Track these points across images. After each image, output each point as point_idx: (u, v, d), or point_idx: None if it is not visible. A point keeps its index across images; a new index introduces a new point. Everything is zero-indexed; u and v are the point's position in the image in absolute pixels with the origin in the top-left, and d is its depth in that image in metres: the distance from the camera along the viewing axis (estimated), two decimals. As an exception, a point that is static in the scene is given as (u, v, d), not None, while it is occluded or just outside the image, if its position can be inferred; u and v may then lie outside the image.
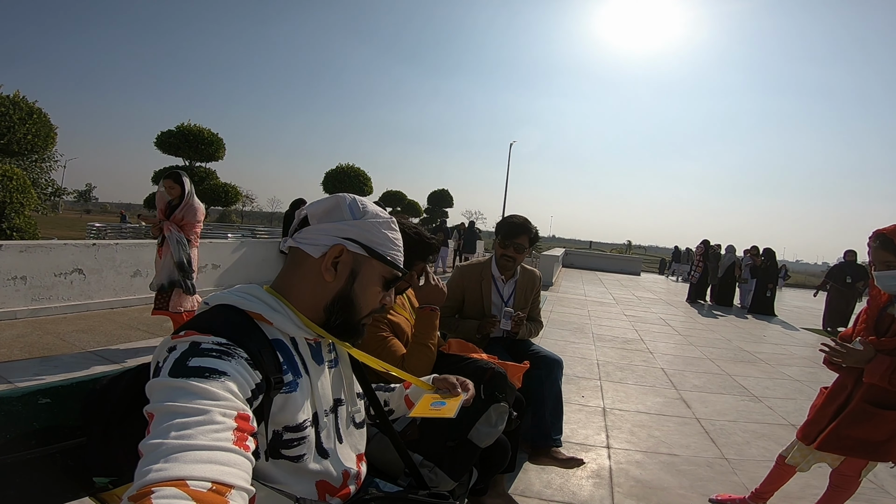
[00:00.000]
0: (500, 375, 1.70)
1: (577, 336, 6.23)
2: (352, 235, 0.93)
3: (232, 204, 15.44)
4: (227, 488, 0.58)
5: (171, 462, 0.57)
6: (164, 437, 0.60)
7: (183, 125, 14.16)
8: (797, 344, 7.05)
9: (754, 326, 8.63)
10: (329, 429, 0.96)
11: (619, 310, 9.18)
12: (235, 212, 62.33)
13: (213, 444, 0.61)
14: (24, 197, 7.46)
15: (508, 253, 2.63)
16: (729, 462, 2.87)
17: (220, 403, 0.66)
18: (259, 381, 0.77)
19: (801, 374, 5.22)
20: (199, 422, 0.62)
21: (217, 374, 0.70)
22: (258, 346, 0.81)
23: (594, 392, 3.99)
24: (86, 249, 5.65)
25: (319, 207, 0.95)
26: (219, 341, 0.75)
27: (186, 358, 0.71)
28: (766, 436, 3.31)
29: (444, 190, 32.47)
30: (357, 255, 0.94)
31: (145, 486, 0.54)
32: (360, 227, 0.94)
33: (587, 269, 20.30)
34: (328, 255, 0.91)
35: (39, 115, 8.25)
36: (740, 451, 3.04)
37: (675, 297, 12.66)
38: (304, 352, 0.93)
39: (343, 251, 0.92)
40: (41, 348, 4.07)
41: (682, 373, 4.87)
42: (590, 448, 2.94)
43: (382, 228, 0.96)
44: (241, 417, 0.68)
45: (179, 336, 0.76)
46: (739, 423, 3.54)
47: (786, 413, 3.81)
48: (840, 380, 2.05)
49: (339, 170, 21.17)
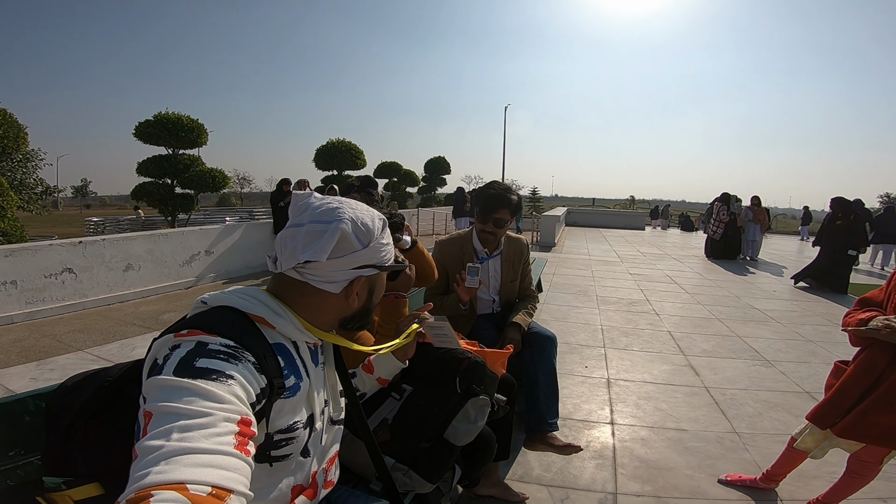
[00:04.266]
0: (477, 365, 1.50)
1: (580, 300, 6.04)
2: (364, 262, 0.93)
3: (220, 188, 15.35)
4: (227, 493, 0.57)
5: (171, 465, 0.56)
6: (164, 438, 0.59)
7: (160, 114, 13.80)
8: (808, 299, 6.82)
9: (764, 282, 8.39)
10: (320, 430, 0.96)
11: (624, 268, 8.96)
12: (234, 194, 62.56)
13: (215, 448, 0.60)
14: (5, 200, 7.27)
15: (488, 228, 2.37)
16: (740, 437, 2.71)
17: (225, 407, 0.66)
18: (264, 386, 0.77)
19: (815, 333, 5.02)
20: (201, 424, 0.61)
21: (224, 377, 0.69)
22: (262, 349, 0.80)
23: (598, 361, 3.82)
24: (73, 248, 5.55)
25: (326, 246, 0.86)
26: (227, 343, 0.74)
27: (193, 358, 0.70)
28: (779, 405, 3.14)
29: (441, 157, 31.86)
30: (371, 276, 0.96)
31: (144, 488, 0.53)
32: (370, 252, 0.93)
33: (591, 226, 19.98)
34: (352, 289, 0.94)
35: (4, 117, 8.06)
36: (752, 424, 2.87)
37: (681, 252, 12.38)
38: (304, 354, 0.93)
39: (365, 281, 0.96)
40: (38, 352, 4.06)
41: (689, 336, 4.68)
42: (593, 425, 2.79)
43: (383, 240, 0.97)
44: (244, 422, 0.67)
45: (182, 334, 0.74)
46: (751, 391, 3.37)
47: (800, 379, 3.63)
48: (869, 357, 1.76)
49: (331, 145, 20.85)
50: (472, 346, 1.75)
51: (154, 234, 6.72)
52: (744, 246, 11.55)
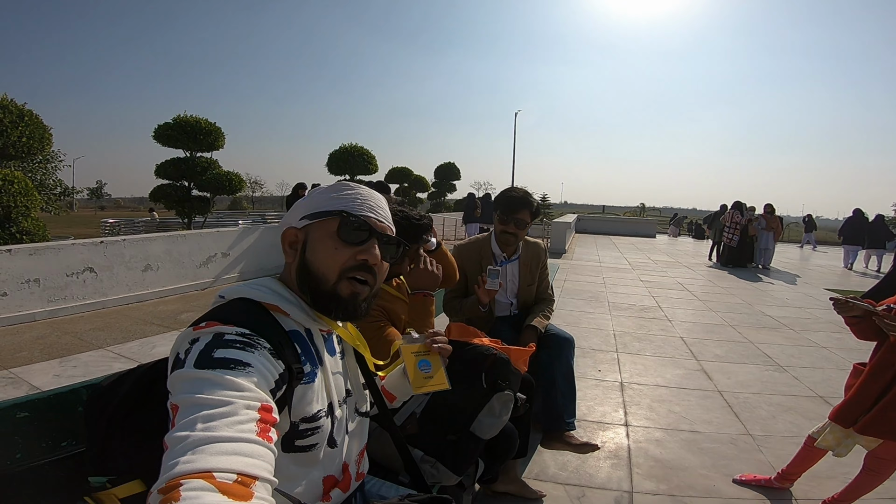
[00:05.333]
0: (502, 362, 1.56)
1: (592, 305, 6.09)
2: (299, 214, 0.94)
3: (237, 191, 15.62)
4: (252, 479, 0.59)
5: (197, 454, 0.58)
6: (190, 429, 0.61)
7: (179, 117, 14.08)
8: (821, 307, 6.80)
9: (776, 289, 8.37)
10: (342, 420, 0.97)
11: (636, 275, 8.98)
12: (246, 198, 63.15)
13: (238, 436, 0.62)
14: (28, 200, 7.49)
15: (509, 229, 2.45)
16: (754, 438, 2.74)
17: (245, 395, 0.68)
18: (282, 371, 0.79)
19: (828, 340, 5.02)
20: (223, 413, 0.63)
21: (242, 366, 0.71)
22: (278, 336, 0.82)
23: (611, 366, 3.86)
24: (94, 248, 5.68)
25: (294, 211, 0.97)
26: (242, 332, 0.76)
27: (211, 349, 0.72)
28: (792, 409, 3.16)
29: (451, 163, 32.34)
30: (305, 227, 0.94)
31: (174, 478, 0.55)
32: (304, 204, 0.95)
33: (601, 233, 19.96)
34: (283, 241, 0.94)
35: (31, 117, 8.24)
36: (766, 427, 2.90)
37: (692, 259, 12.36)
38: (318, 342, 0.94)
39: (295, 232, 0.94)
40: (60, 349, 4.16)
41: (702, 342, 4.71)
42: (607, 426, 2.84)
43: (327, 193, 0.95)
44: (265, 409, 0.69)
45: (201, 327, 0.77)
46: (764, 395, 3.40)
47: (813, 384, 3.65)
48: (885, 356, 1.84)
49: (343, 150, 21.05)
50: (495, 343, 1.82)
51: (172, 235, 6.88)
52: (756, 254, 11.53)
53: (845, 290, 8.71)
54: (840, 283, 9.50)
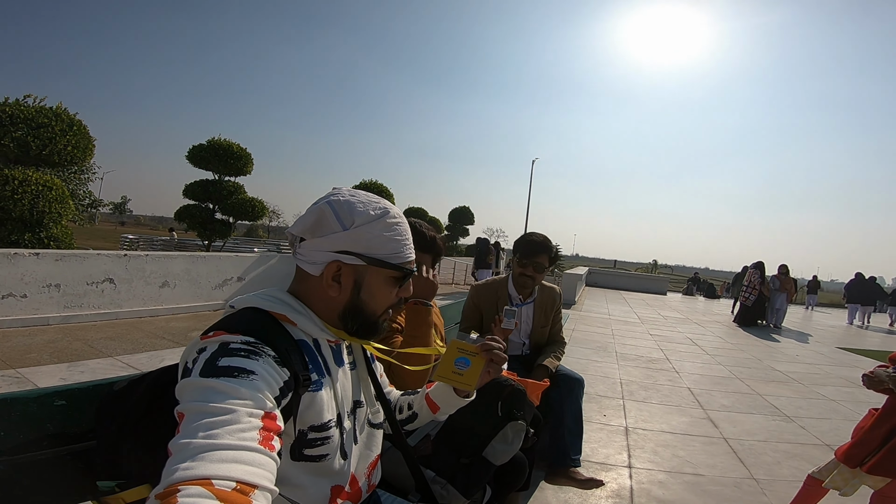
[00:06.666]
0: (518, 392, 1.66)
1: (599, 355, 6.11)
2: (346, 248, 0.90)
3: (259, 218, 15.47)
4: (251, 488, 0.59)
5: (197, 461, 0.58)
6: (192, 436, 0.62)
7: (214, 139, 14.20)
8: (832, 363, 6.73)
9: (786, 346, 8.29)
10: (350, 431, 0.97)
11: (644, 329, 8.97)
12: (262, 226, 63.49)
13: (239, 444, 0.62)
14: (62, 207, 7.66)
15: (527, 272, 2.57)
16: (758, 482, 2.75)
17: (248, 403, 0.68)
18: (287, 379, 0.78)
19: (837, 393, 4.98)
20: (225, 421, 0.64)
21: (245, 373, 0.72)
22: (285, 344, 0.83)
23: (616, 411, 3.89)
24: (118, 260, 5.84)
25: (307, 223, 0.91)
26: (247, 340, 0.77)
27: (216, 358, 0.73)
28: (798, 455, 3.16)
29: (466, 207, 32.71)
30: (356, 265, 0.91)
31: (172, 484, 0.56)
32: (352, 238, 0.90)
33: (611, 288, 19.92)
34: (325, 274, 0.90)
35: (80, 127, 8.33)
36: (770, 471, 2.91)
37: (703, 317, 12.29)
38: (325, 353, 0.94)
39: (341, 266, 0.91)
40: (70, 354, 4.21)
41: (709, 392, 4.70)
42: (610, 467, 2.86)
43: (377, 230, 0.91)
44: (268, 417, 0.69)
45: (209, 336, 0.78)
46: (770, 442, 3.39)
47: (820, 433, 3.63)
48: (893, 401, 1.97)
49: (363, 186, 21.18)
50: (512, 375, 1.94)
51: (193, 255, 7.01)
52: (768, 313, 11.51)
53: (859, 350, 8.60)
54: (854, 342, 9.36)
